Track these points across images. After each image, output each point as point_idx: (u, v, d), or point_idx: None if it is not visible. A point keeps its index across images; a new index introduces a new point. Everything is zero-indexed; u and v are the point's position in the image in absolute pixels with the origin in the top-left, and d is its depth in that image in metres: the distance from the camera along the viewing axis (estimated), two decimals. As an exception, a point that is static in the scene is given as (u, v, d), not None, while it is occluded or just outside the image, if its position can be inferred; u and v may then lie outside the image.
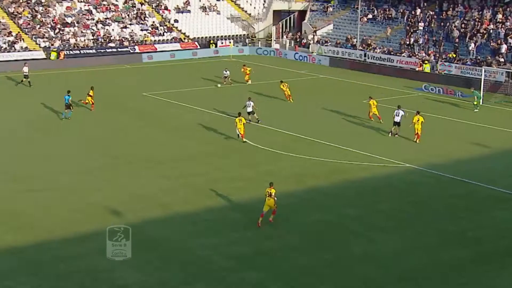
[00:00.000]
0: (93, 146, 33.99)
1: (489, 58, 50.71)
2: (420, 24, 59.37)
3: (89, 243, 21.96)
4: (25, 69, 49.81)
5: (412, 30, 59.21)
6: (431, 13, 60.21)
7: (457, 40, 55.17)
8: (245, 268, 20.32)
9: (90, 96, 41.49)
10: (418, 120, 34.28)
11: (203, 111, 41.93)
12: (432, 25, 58.68)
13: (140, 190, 27.17)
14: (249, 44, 69.73)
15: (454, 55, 53.26)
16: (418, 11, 61.42)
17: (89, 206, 25.29)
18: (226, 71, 50.84)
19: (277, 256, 21.10)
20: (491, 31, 53.98)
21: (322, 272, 20.13)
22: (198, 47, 67.37)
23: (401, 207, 25.41)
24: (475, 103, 42.15)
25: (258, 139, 34.96)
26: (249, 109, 38.06)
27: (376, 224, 23.77)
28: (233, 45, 68.37)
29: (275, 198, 23.37)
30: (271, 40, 70.11)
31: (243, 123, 34.12)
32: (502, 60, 49.96)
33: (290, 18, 73.15)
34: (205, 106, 42.99)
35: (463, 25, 56.46)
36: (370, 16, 64.98)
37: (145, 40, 65.95)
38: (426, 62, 53.57)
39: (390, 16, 63.64)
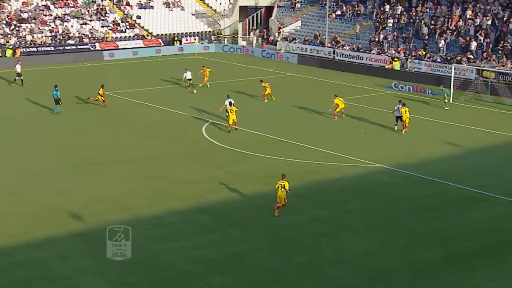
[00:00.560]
0: (53, 147, 33.60)
1: (459, 55, 51.59)
2: (389, 20, 60.10)
3: (50, 249, 21.72)
4: (18, 67, 49.14)
5: (381, 27, 59.89)
6: (400, 9, 60.98)
7: (426, 37, 56.00)
8: (213, 272, 20.33)
9: (100, 94, 41.91)
10: (406, 111, 35.94)
11: (168, 111, 41.77)
12: (402, 21, 59.45)
13: (102, 193, 26.96)
14: (215, 41, 69.67)
15: (424, 53, 54.04)
16: (387, 7, 62.16)
17: (49, 210, 25.00)
18: (186, 72, 48.52)
19: (245, 260, 21.16)
20: (460, 28, 54.91)
21: (292, 275, 20.25)
22: (162, 44, 67.06)
23: (372, 208, 25.72)
24: (446, 100, 42.87)
25: (225, 139, 34.98)
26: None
27: (347, 225, 24.01)
28: (198, 42, 68.24)
29: (288, 191, 24.13)
30: (237, 37, 70.16)
31: (235, 111, 36.12)
32: (472, 57, 50.84)
33: (257, 14, 73.30)
34: (170, 106, 42.83)
35: (432, 22, 57.34)
36: (338, 12, 65.54)
37: (106, 37, 65.39)
38: (396, 59, 54.25)
39: (359, 12, 64.28)
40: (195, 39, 68.42)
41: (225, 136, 35.68)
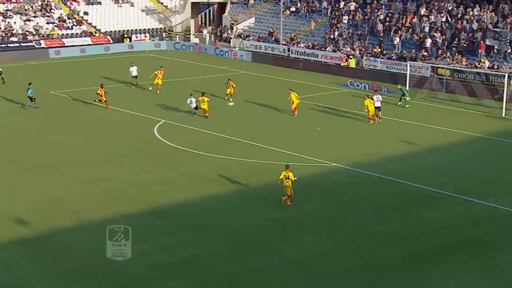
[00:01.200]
0: (-4, 150, 32.87)
1: (414, 52, 52.49)
2: (344, 17, 60.74)
3: (-6, 256, 21.23)
4: None
5: (336, 24, 60.50)
6: (355, 6, 61.68)
7: (382, 34, 56.80)
8: (167, 277, 20.20)
9: (98, 94, 41.40)
10: (370, 102, 38.04)
11: (119, 110, 41.32)
12: (357, 18, 60.17)
13: (50, 196, 26.50)
14: (166, 39, 69.26)
15: (380, 50, 54.81)
16: (342, 3, 62.81)
17: (-7, 216, 24.42)
18: (132, 66, 47.70)
19: (201, 264, 21.09)
20: (415, 25, 55.87)
21: (248, 278, 20.27)
22: (111, 41, 66.31)
23: (330, 208, 25.95)
24: (408, 98, 43.29)
25: (178, 139, 34.80)
26: (193, 105, 38.87)
27: (304, 226, 24.17)
28: (149, 39, 67.69)
29: (294, 179, 25.13)
30: (189, 34, 69.88)
31: (207, 101, 38.77)
32: (426, 54, 51.78)
33: (209, 11, 73.16)
34: (121, 105, 42.39)
35: (387, 19, 58.20)
36: (293, 9, 65.93)
37: (52, 34, 64.26)
38: (351, 57, 54.87)
39: (313, 9, 64.79)
40: (145, 36, 67.86)
41: (177, 136, 35.50)
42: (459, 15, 54.61)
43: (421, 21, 55.82)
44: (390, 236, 23.33)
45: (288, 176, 25.27)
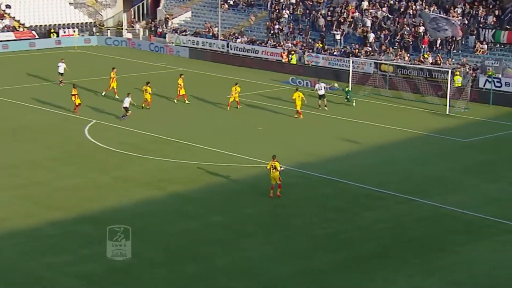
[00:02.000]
0: None
1: (356, 48, 53.25)
2: (284, 11, 61.15)
3: None
4: None
5: (276, 18, 60.86)
6: (296, -1, 62.17)
7: (324, 28, 57.43)
8: (97, 288, 19.97)
9: (74, 95, 39.18)
10: (299, 96, 39.09)
11: (45, 110, 40.57)
12: (298, 12, 60.68)
13: (-30, 205, 25.80)
14: (97, 34, 68.31)
15: (321, 45, 55.43)
16: (283, -3, 63.19)
17: None
18: (60, 63, 46.82)
19: (134, 272, 20.89)
20: (357, 19, 56.68)
21: (185, 286, 20.19)
22: (36, 36, 64.98)
23: (270, 211, 26.11)
24: (353, 100, 43.61)
25: (111, 140, 34.40)
26: (126, 105, 38.17)
27: (243, 230, 24.24)
28: (78, 34, 66.61)
29: (282, 168, 26.53)
30: (122, 28, 69.14)
31: (149, 92, 40.13)
32: (370, 49, 52.55)
33: (142, 4, 72.53)
34: (47, 105, 41.64)
35: (329, 13, 58.89)
36: (231, 2, 65.98)
37: (-29, 29, 62.55)
38: (293, 52, 55.32)
39: (253, 2, 65.00)
40: (74, 31, 66.72)
41: (110, 137, 35.08)
42: (402, 9, 55.69)
43: (363, 15, 56.70)
44: (332, 238, 23.63)
45: (275, 166, 26.49)
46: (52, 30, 66.33)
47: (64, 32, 66.66)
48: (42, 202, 26.33)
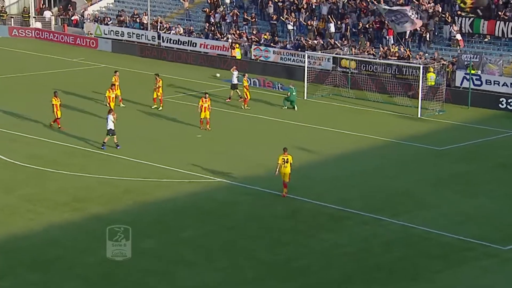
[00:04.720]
0: None
1: (312, 40, 53.66)
2: (227, -4, 61.39)
3: None
4: None
5: (217, 5, 61.04)
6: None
7: (274, 17, 57.80)
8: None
9: (54, 104, 37.91)
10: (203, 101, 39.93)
11: None
12: (243, -2, 61.02)
13: None
14: (-1, 23, 67.56)
15: (271, 37, 55.78)
16: (225, -20, 63.47)
17: None
18: None
19: (49, 311, 20.80)
20: (314, 7, 57.20)
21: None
22: None
23: (212, 234, 26.22)
24: (294, 106, 43.66)
25: (17, 153, 34.06)
26: (109, 126, 37.11)
27: (179, 257, 24.32)
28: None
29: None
30: (28, 17, 68.45)
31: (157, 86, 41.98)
32: (331, 42, 52.72)
33: (54, -13, 72.00)
34: None
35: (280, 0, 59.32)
36: (163, -14, 66.00)
37: None
38: (237, 46, 55.59)
39: (189, -14, 65.11)
40: (-30, 20, 65.76)
41: (16, 148, 34.75)
42: (365, -6, 56.31)
43: (320, 2, 57.23)
44: (285, 265, 23.90)
45: (288, 159, 28.38)
46: None
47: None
48: None
